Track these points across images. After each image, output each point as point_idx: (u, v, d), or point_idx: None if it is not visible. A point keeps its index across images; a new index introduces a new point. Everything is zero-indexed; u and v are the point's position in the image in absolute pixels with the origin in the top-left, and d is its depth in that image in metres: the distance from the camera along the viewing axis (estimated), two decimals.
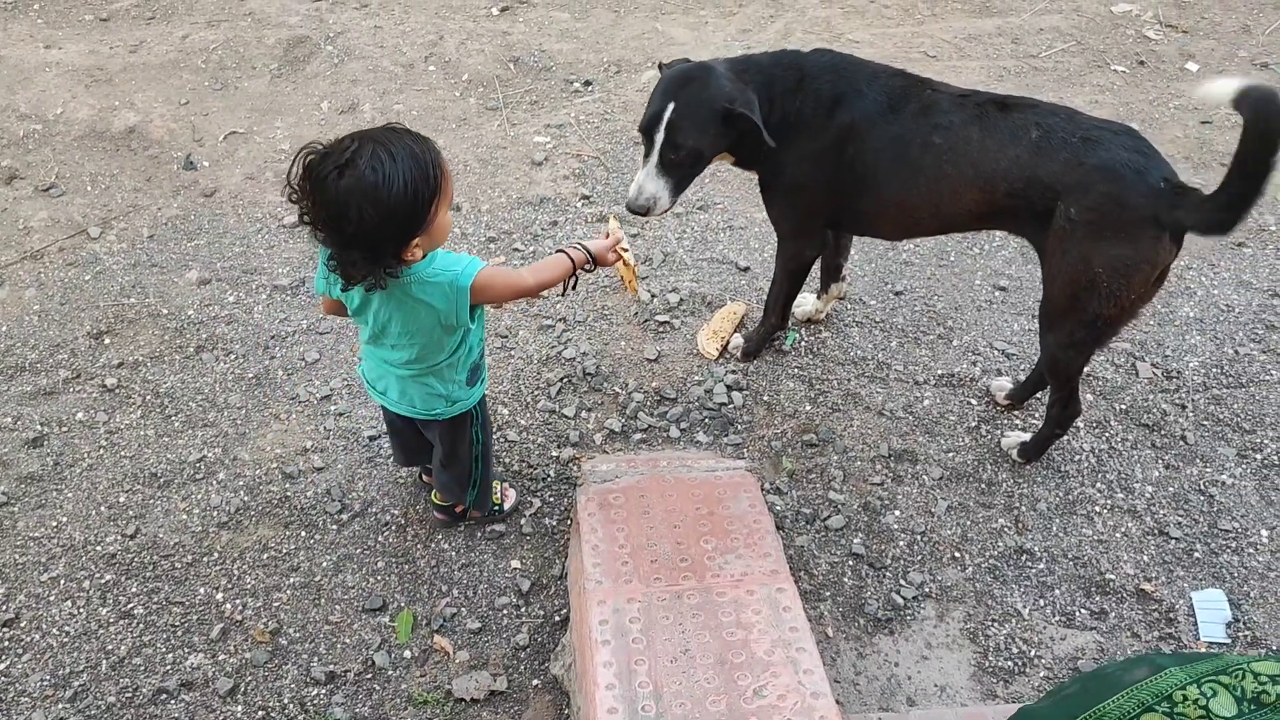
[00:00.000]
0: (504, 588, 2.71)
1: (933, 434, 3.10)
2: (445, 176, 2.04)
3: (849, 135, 2.67)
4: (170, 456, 2.99)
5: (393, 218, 1.96)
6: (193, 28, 4.80)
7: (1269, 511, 2.92)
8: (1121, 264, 2.43)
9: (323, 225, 1.98)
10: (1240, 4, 5.17)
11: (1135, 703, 1.49)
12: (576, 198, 3.94)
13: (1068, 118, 2.49)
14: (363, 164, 1.91)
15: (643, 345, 3.36)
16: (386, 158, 1.93)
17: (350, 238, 1.97)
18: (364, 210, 1.92)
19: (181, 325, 3.38)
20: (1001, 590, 2.73)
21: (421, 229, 2.02)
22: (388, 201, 1.93)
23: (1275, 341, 3.42)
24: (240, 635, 2.59)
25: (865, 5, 5.14)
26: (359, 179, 1.91)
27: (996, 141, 2.52)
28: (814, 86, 2.68)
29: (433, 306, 2.19)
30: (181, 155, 4.08)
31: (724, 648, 2.19)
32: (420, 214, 2.00)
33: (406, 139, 1.99)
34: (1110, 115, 4.36)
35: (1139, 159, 2.39)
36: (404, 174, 1.94)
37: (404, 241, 2.02)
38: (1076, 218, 2.43)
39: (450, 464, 2.62)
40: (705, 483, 2.65)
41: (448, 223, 2.11)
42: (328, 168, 1.92)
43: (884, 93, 2.65)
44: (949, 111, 2.59)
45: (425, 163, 1.99)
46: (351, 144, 1.94)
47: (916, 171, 2.64)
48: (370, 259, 2.01)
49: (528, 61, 4.68)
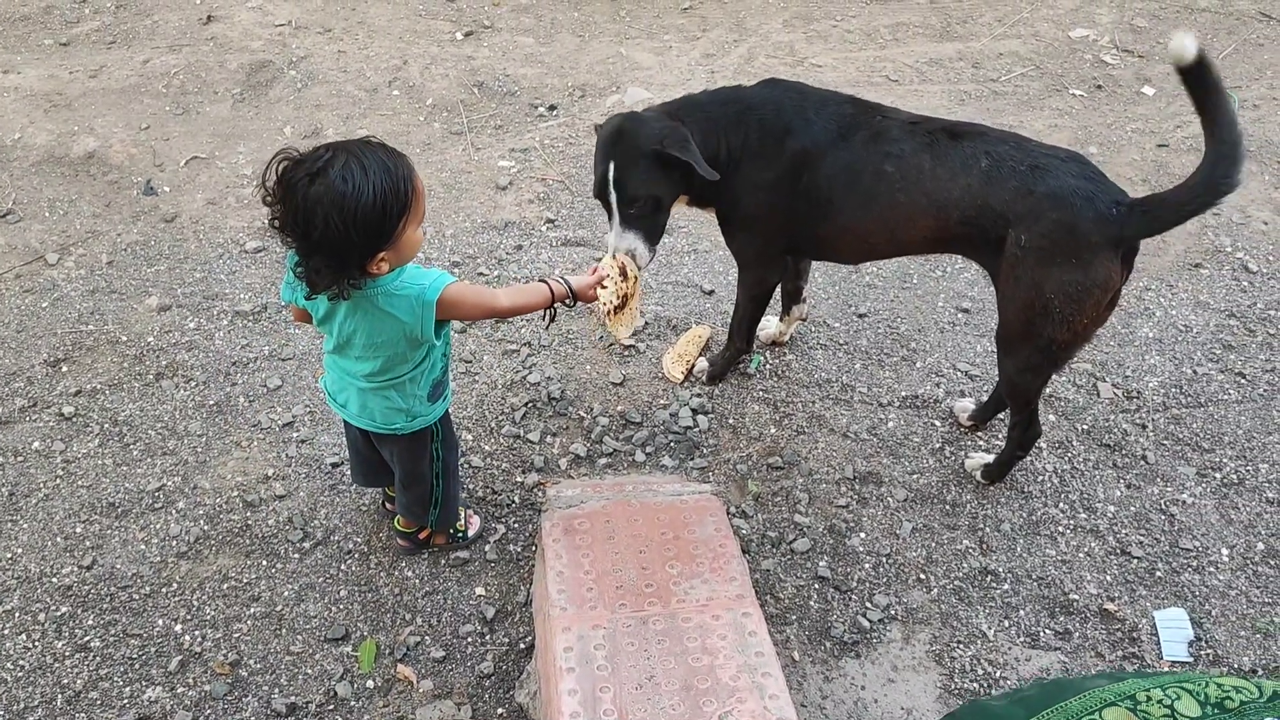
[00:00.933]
0: (468, 615, 2.68)
1: (897, 456, 3.12)
2: (417, 194, 2.05)
3: (802, 163, 2.68)
4: (129, 486, 2.94)
5: (359, 228, 1.96)
6: (154, 52, 4.77)
7: (1229, 530, 2.95)
8: (1074, 289, 2.45)
9: (290, 230, 1.99)
10: (1195, 29, 5.26)
11: (1098, 699, 1.49)
12: (541, 221, 3.94)
13: (1016, 145, 2.51)
14: (334, 173, 1.93)
15: (608, 369, 3.35)
16: (358, 169, 1.94)
17: (315, 244, 1.98)
18: (330, 218, 1.93)
19: (141, 352, 3.34)
20: (967, 611, 2.74)
21: (388, 243, 2.03)
22: (355, 212, 1.94)
23: (1232, 361, 3.46)
24: (199, 667, 2.55)
25: (828, 30, 5.19)
26: (329, 187, 1.93)
27: (948, 170, 2.54)
28: (759, 117, 2.69)
29: (399, 319, 2.18)
30: (142, 180, 4.05)
31: (689, 673, 2.18)
32: (388, 228, 2.00)
33: (381, 153, 2.01)
34: (1069, 138, 4.43)
35: (1087, 185, 2.41)
36: (374, 186, 1.95)
37: (369, 254, 2.02)
38: (1028, 245, 2.45)
39: (411, 484, 2.60)
40: (671, 507, 2.64)
41: (417, 240, 2.12)
42: (300, 174, 1.95)
43: (834, 120, 2.67)
44: (900, 140, 2.60)
45: (397, 178, 2.00)
46: (326, 153, 1.97)
47: (870, 199, 2.65)
48: (334, 268, 2.02)
49: (492, 86, 4.68)
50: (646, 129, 2.62)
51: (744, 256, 3.01)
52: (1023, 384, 2.75)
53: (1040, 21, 5.30)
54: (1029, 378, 2.72)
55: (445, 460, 2.60)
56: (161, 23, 4.98)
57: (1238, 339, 3.55)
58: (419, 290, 2.17)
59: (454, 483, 2.69)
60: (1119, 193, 2.43)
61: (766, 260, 2.97)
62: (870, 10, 5.34)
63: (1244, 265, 3.84)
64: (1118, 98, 4.77)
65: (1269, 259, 3.88)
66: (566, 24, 5.16)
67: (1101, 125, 4.57)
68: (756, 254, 2.96)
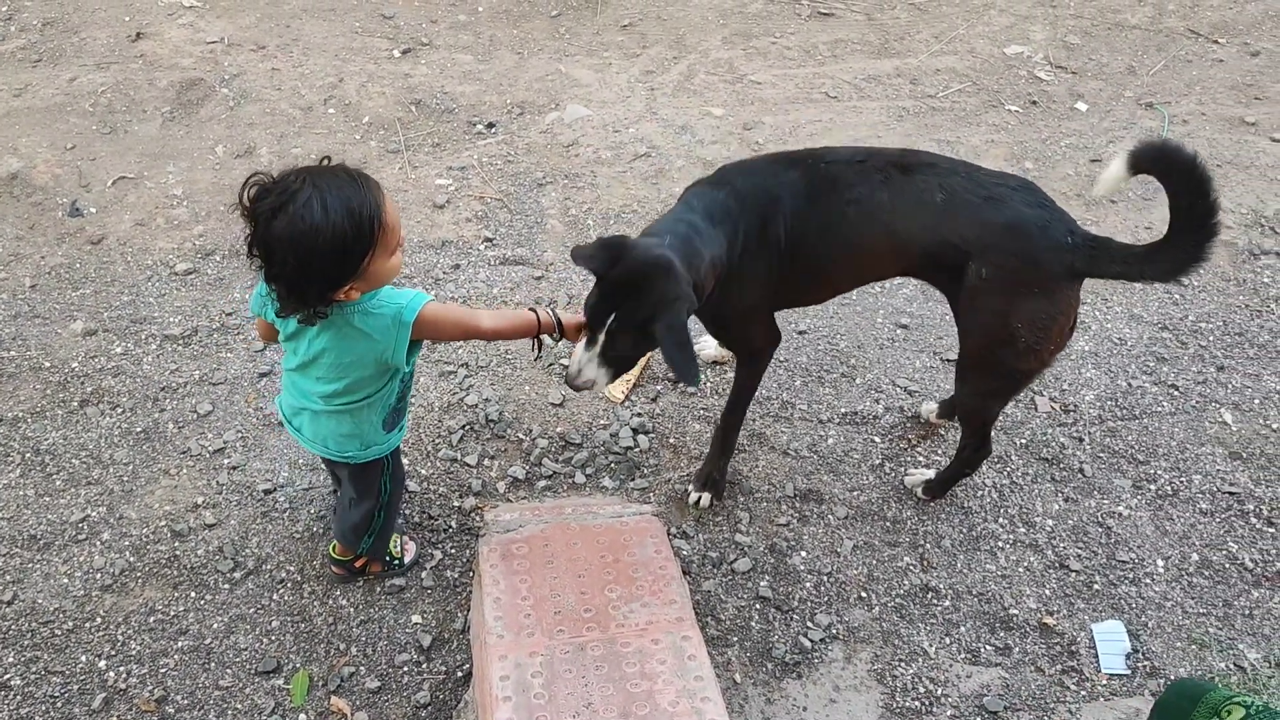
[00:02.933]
0: (404, 644, 2.62)
1: (837, 473, 3.11)
2: (386, 228, 2.00)
3: (787, 242, 2.56)
4: (51, 517, 2.85)
5: (315, 267, 1.94)
6: (81, 70, 4.66)
7: (1164, 541, 2.98)
8: (1040, 318, 2.44)
9: (257, 256, 1.98)
10: (1125, 47, 5.35)
11: None
12: (479, 240, 3.90)
13: (968, 176, 2.46)
14: (294, 210, 1.89)
15: (547, 390, 3.32)
16: (319, 208, 1.90)
17: (275, 276, 1.98)
18: (287, 258, 1.92)
19: (65, 378, 3.25)
20: (908, 629, 2.73)
21: (351, 279, 2.01)
22: (311, 251, 1.91)
23: (1165, 373, 3.51)
24: (124, 704, 2.47)
25: (767, 47, 5.20)
26: (289, 224, 1.90)
27: (905, 207, 2.48)
28: (746, 225, 2.53)
29: (372, 339, 2.14)
30: (67, 202, 3.94)
31: (628, 700, 2.15)
32: (348, 266, 1.98)
33: (347, 189, 1.95)
34: (1005, 153, 4.48)
35: (1042, 214, 2.40)
36: (333, 227, 1.91)
37: (328, 289, 2.01)
38: (989, 276, 2.43)
39: (353, 510, 2.55)
40: (610, 529, 2.61)
41: (391, 267, 2.08)
42: (265, 206, 1.92)
43: (796, 189, 2.54)
44: (855, 184, 2.51)
45: (360, 217, 1.94)
46: (294, 183, 1.92)
47: (841, 246, 2.59)
48: (295, 299, 2.01)
49: (430, 104, 4.63)
50: (665, 295, 2.27)
51: (750, 345, 2.82)
52: (982, 409, 2.75)
53: (976, 38, 5.36)
54: (989, 403, 2.73)
55: (391, 494, 2.55)
56: (89, 40, 4.87)
57: (1170, 351, 3.59)
58: (395, 310, 2.13)
59: (394, 517, 2.64)
60: (1071, 221, 2.44)
61: (766, 334, 2.81)
62: (809, 27, 5.37)
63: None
64: (1052, 113, 4.83)
65: (1199, 272, 3.93)
66: (505, 41, 5.13)
67: (1036, 140, 4.62)
68: (758, 334, 2.79)
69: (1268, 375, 3.52)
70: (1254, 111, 4.87)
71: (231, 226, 3.85)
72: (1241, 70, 5.20)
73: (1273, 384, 3.49)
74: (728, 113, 4.69)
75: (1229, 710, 1.50)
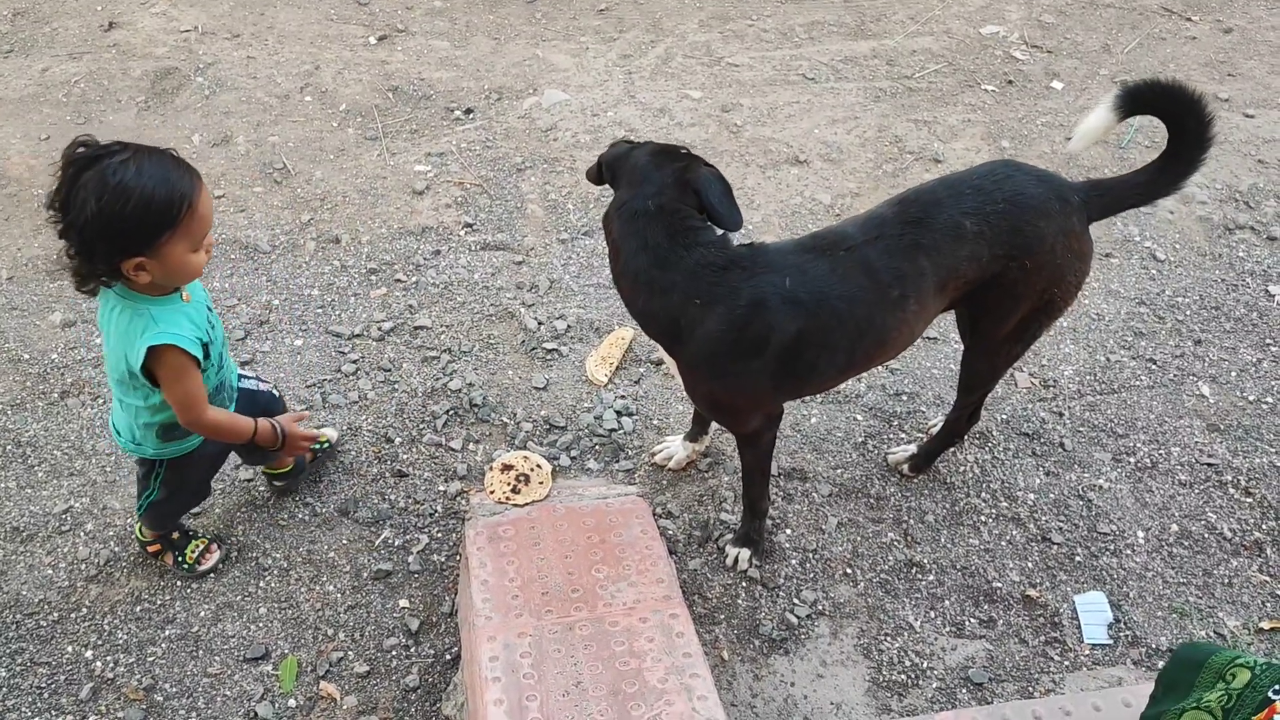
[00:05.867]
0: (392, 628, 2.63)
1: (820, 451, 3.13)
2: (195, 214, 2.02)
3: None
4: (34, 509, 2.84)
5: (111, 224, 1.94)
6: (53, 60, 4.62)
7: (1144, 513, 3.01)
8: (1074, 279, 2.51)
9: (52, 206, 2.00)
10: (1100, 25, 5.38)
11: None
12: (459, 226, 3.89)
13: (975, 190, 2.38)
14: (108, 164, 1.93)
15: (530, 374, 3.32)
16: (134, 170, 1.93)
17: (69, 225, 1.97)
18: (87, 204, 1.92)
19: (44, 370, 3.23)
20: (893, 604, 2.75)
21: (143, 251, 1.99)
22: (110, 207, 1.92)
23: (1144, 348, 3.54)
24: (112, 694, 2.46)
25: (744, 29, 5.20)
26: (98, 175, 1.92)
27: (943, 254, 2.36)
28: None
29: (122, 335, 2.14)
30: (42, 193, 3.90)
31: (617, 678, 2.16)
32: (143, 235, 1.98)
33: (172, 167, 2.00)
34: (981, 132, 4.50)
35: (1047, 187, 2.41)
36: (143, 189, 1.93)
37: (117, 253, 1.99)
38: (1032, 265, 2.41)
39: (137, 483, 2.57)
40: (596, 510, 2.62)
41: (190, 263, 2.07)
42: (81, 156, 1.95)
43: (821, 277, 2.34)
44: (892, 258, 2.33)
45: (176, 192, 1.98)
46: (116, 147, 1.97)
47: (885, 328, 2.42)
48: (82, 255, 2.00)
49: (407, 90, 4.61)
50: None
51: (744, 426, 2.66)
52: (999, 375, 2.81)
53: (952, 19, 5.38)
54: (1006, 368, 2.79)
55: (155, 501, 2.53)
56: (61, 30, 4.82)
57: (1148, 326, 3.63)
58: (147, 327, 2.12)
59: (159, 518, 2.62)
60: (1062, 178, 2.49)
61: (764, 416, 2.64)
62: (785, 9, 5.37)
63: (1152, 254, 3.93)
64: (1028, 92, 4.85)
65: (1175, 247, 3.97)
66: (482, 27, 5.11)
67: (1013, 120, 4.65)
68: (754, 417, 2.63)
69: (1244, 348, 3.56)
70: (1227, 88, 4.91)
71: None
72: (1214, 47, 5.24)
73: (1249, 356, 3.53)
74: (705, 95, 4.69)
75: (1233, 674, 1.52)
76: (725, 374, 2.38)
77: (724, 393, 2.47)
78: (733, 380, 2.39)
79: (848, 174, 4.25)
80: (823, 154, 4.35)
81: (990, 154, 4.40)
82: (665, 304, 2.30)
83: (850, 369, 2.52)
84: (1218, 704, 1.48)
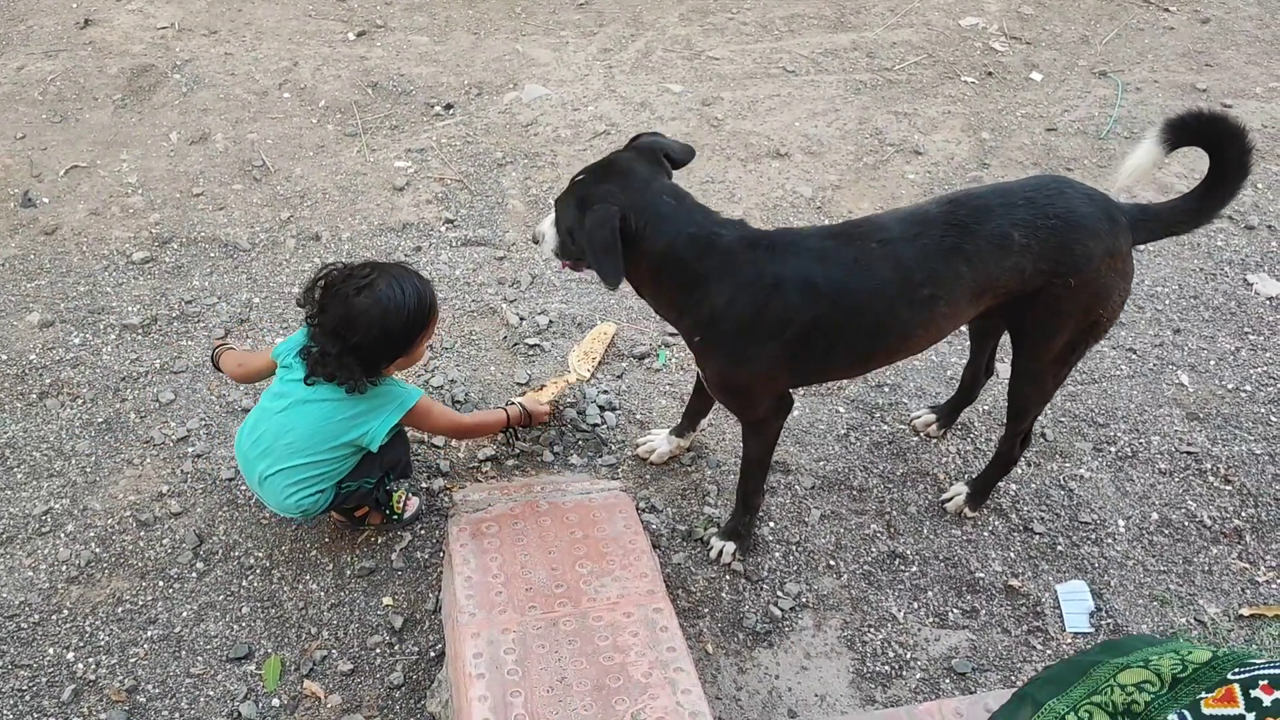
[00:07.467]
0: (376, 626, 2.62)
1: (803, 444, 3.13)
2: (434, 316, 2.49)
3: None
4: (13, 511, 2.82)
5: (391, 339, 2.38)
6: (29, 58, 4.58)
7: (1124, 502, 3.03)
8: (1118, 299, 2.49)
9: (330, 333, 2.36)
10: (1079, 16, 5.40)
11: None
12: (440, 222, 3.88)
13: (1028, 202, 2.36)
14: (380, 290, 2.35)
15: (513, 369, 3.31)
16: (398, 290, 2.37)
17: (353, 347, 2.36)
18: (371, 328, 2.34)
19: (23, 371, 3.20)
20: (876, 595, 2.76)
21: (407, 353, 2.47)
22: (393, 325, 2.36)
23: (1123, 337, 3.56)
24: (94, 695, 2.45)
25: (725, 23, 5.20)
26: (375, 301, 2.34)
27: (985, 263, 2.34)
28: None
29: (344, 421, 2.46)
30: (18, 192, 3.88)
31: (601, 673, 2.16)
32: (412, 341, 2.45)
33: (414, 279, 2.43)
34: (962, 124, 4.51)
35: (1097, 208, 2.39)
36: (410, 305, 2.37)
37: (392, 359, 2.45)
38: (1076, 283, 2.39)
39: None
40: (580, 506, 2.62)
41: (423, 350, 2.55)
42: (348, 287, 2.36)
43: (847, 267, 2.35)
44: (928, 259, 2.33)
45: (426, 302, 2.43)
46: (371, 272, 2.38)
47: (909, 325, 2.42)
48: (364, 368, 2.40)
49: (387, 86, 4.59)
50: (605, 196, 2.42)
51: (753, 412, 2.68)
52: (1049, 397, 2.72)
53: (931, 10, 5.39)
54: (1054, 391, 2.71)
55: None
56: (36, 28, 4.78)
57: (1128, 316, 3.64)
58: (401, 392, 2.52)
59: (407, 468, 2.81)
60: (1117, 203, 2.45)
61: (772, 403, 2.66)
62: (765, 2, 5.37)
63: None
64: (1007, 84, 4.87)
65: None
66: (461, 21, 5.09)
67: (993, 111, 4.66)
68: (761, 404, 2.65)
69: (1222, 337, 3.59)
70: (1204, 78, 4.93)
71: (188, 214, 3.81)
72: (1192, 37, 5.27)
73: (1227, 345, 3.56)
74: (686, 89, 4.69)
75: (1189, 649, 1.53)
76: (742, 353, 2.41)
77: (736, 374, 2.49)
78: (748, 361, 2.42)
79: (828, 166, 4.26)
80: (803, 147, 4.36)
81: (970, 145, 4.42)
82: (695, 282, 2.34)
83: (871, 360, 2.59)
84: (1168, 669, 1.48)
